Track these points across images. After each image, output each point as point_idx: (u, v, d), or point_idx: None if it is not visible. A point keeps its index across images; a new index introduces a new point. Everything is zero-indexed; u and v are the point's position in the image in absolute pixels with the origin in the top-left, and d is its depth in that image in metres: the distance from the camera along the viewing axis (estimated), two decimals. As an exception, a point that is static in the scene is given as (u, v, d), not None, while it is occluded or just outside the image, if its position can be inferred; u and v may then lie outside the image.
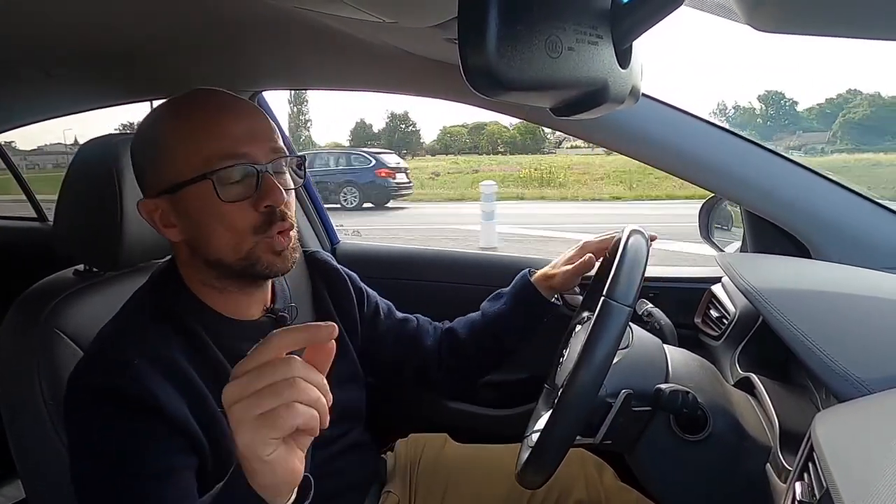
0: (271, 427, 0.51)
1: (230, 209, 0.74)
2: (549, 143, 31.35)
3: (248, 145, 0.75)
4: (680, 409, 0.72)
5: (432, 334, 1.09)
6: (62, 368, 0.88)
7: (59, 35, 1.07)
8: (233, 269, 0.78)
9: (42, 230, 2.24)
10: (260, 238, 0.76)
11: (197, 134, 0.75)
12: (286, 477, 0.54)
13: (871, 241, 0.99)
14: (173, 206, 0.77)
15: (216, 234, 0.76)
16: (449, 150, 31.63)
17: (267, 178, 0.76)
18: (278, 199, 0.75)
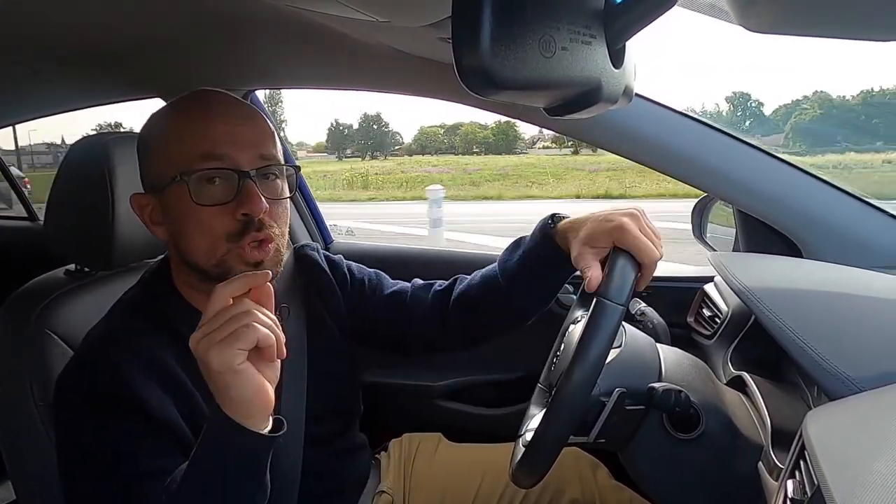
0: (236, 340, 0.59)
1: (205, 212, 0.73)
2: (522, 143, 32.02)
3: (230, 148, 0.74)
4: (673, 407, 0.72)
5: (428, 299, 1.00)
6: (53, 369, 0.87)
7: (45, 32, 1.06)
8: (210, 275, 0.76)
9: (33, 229, 2.23)
10: (232, 246, 0.74)
11: (179, 134, 0.75)
12: (257, 393, 0.61)
13: (861, 241, 1.00)
14: (159, 204, 0.78)
15: (191, 236, 0.75)
16: (426, 150, 32.45)
17: (248, 185, 0.73)
18: (256, 207, 0.73)
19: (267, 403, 0.62)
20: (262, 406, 0.62)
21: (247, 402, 0.61)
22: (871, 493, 0.47)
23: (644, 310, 1.05)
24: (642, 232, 0.75)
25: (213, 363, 0.59)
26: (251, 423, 0.62)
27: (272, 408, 0.63)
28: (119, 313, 0.80)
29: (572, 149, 28.76)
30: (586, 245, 0.78)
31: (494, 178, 19.43)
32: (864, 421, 0.62)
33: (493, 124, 32.86)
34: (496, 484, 1.04)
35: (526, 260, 0.90)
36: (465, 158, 27.84)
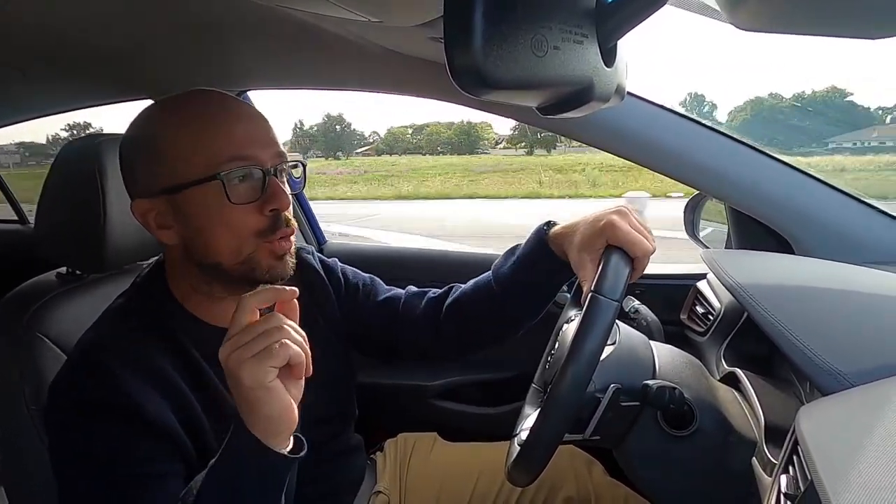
0: (269, 357, 0.60)
1: (235, 211, 0.73)
2: (485, 143, 32.60)
3: (254, 148, 0.75)
4: (667, 404, 0.72)
5: (421, 306, 0.99)
6: (45, 373, 0.86)
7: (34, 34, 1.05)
8: (230, 274, 0.76)
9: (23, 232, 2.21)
10: (261, 242, 0.75)
11: (203, 135, 0.74)
12: (284, 411, 0.62)
13: (852, 237, 1.01)
14: (172, 207, 0.75)
15: (218, 236, 0.74)
16: (393, 150, 33.05)
17: (273, 182, 0.75)
18: (284, 202, 0.75)
19: (292, 422, 0.63)
20: (288, 425, 0.63)
21: (275, 420, 0.62)
22: (864, 487, 0.47)
23: (638, 307, 1.05)
24: (632, 227, 0.76)
25: (245, 379, 0.60)
26: (275, 441, 0.62)
27: (295, 426, 0.64)
28: (112, 318, 0.79)
29: (526, 149, 29.73)
30: (583, 251, 0.78)
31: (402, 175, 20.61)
32: (856, 416, 0.62)
33: (456, 124, 33.82)
34: (492, 483, 1.04)
35: (521, 266, 0.90)
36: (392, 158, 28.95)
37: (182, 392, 0.74)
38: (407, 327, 0.98)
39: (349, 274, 1.02)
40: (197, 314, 0.80)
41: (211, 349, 0.78)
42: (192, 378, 0.76)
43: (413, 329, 0.98)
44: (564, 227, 0.85)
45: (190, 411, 0.74)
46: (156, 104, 0.80)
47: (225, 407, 0.77)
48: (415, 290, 1.02)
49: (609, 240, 0.75)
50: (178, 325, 0.78)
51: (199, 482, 0.65)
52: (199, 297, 0.80)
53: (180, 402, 0.73)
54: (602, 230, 0.76)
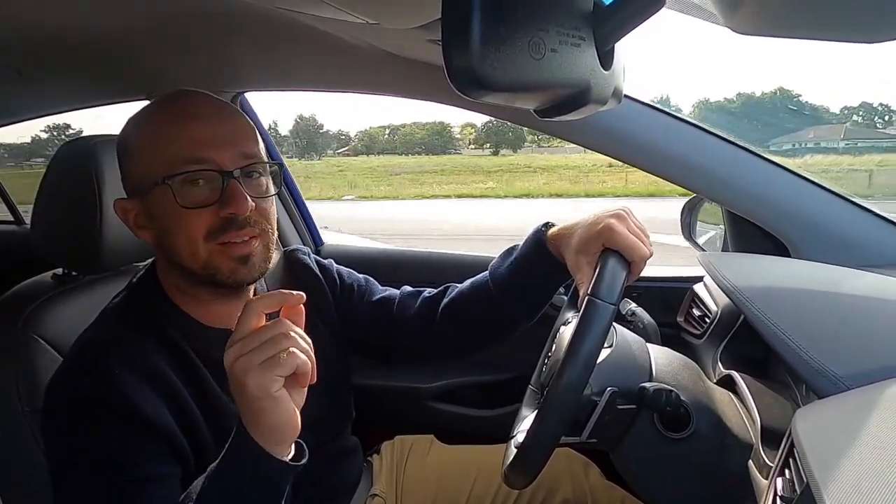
0: (276, 366, 0.59)
1: (189, 215, 0.73)
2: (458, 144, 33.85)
3: (213, 150, 0.73)
4: (664, 407, 0.72)
5: (416, 307, 0.99)
6: (41, 374, 0.86)
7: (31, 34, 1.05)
8: (199, 277, 0.76)
9: (18, 233, 2.20)
10: (213, 245, 0.74)
11: (161, 137, 0.74)
12: (289, 420, 0.62)
13: (849, 240, 1.01)
14: (144, 209, 0.77)
15: (176, 239, 0.74)
16: (370, 150, 34.37)
17: (232, 185, 0.73)
18: (241, 207, 0.73)
19: (295, 431, 0.63)
20: (292, 433, 0.63)
21: (279, 429, 0.62)
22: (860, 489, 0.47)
23: (634, 310, 1.05)
24: (630, 231, 0.76)
25: (251, 387, 0.59)
26: (278, 449, 0.62)
27: (298, 434, 0.64)
28: (108, 318, 0.79)
29: (492, 149, 30.89)
30: (580, 254, 0.78)
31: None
32: (852, 418, 0.62)
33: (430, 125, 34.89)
34: (488, 485, 1.04)
35: (518, 267, 0.90)
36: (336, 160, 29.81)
37: (179, 392, 0.74)
38: (401, 328, 0.98)
39: (344, 275, 1.02)
40: (191, 314, 0.80)
41: (206, 349, 0.78)
42: (188, 378, 0.76)
43: (408, 330, 0.98)
44: (562, 229, 0.85)
45: (186, 411, 0.74)
46: (145, 105, 0.81)
47: (221, 407, 0.77)
48: (410, 290, 1.02)
49: (606, 243, 0.75)
50: (174, 324, 0.78)
51: (199, 486, 0.65)
52: (189, 298, 0.80)
53: (177, 402, 0.73)
54: (599, 233, 0.76)
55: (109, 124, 0.80)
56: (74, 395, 0.69)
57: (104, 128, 0.82)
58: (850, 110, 28.45)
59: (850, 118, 27.50)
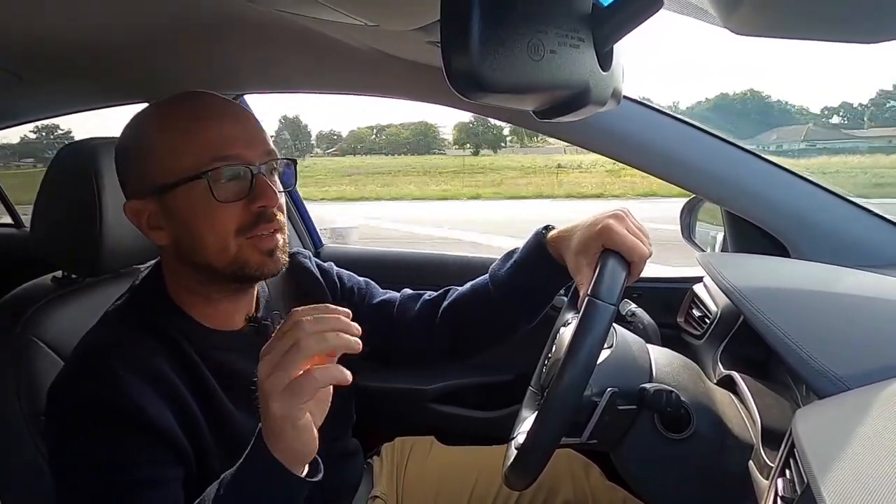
0: (298, 394, 0.58)
1: (221, 210, 0.74)
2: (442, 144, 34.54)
3: (241, 147, 0.75)
4: (664, 407, 0.72)
5: (416, 309, 0.99)
6: (41, 377, 0.86)
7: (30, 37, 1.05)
8: (223, 274, 0.76)
9: (18, 236, 2.20)
10: (243, 240, 0.75)
11: (190, 134, 0.74)
12: (309, 444, 0.62)
13: (848, 240, 1.01)
14: (162, 208, 0.76)
15: (204, 235, 0.75)
16: (356, 150, 35.05)
17: (261, 180, 0.75)
18: (271, 200, 0.75)
19: (313, 452, 0.64)
20: (310, 455, 0.64)
21: (299, 452, 0.62)
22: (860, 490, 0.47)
23: (634, 311, 1.05)
24: (629, 231, 0.76)
25: (276, 411, 0.59)
26: (294, 466, 0.63)
27: (315, 454, 0.64)
28: (111, 321, 0.79)
29: (472, 150, 31.36)
30: (580, 255, 0.79)
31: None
32: (853, 419, 0.62)
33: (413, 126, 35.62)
34: (489, 486, 1.04)
35: (518, 270, 0.90)
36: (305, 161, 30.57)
37: (181, 395, 0.74)
38: (402, 330, 0.98)
39: (344, 277, 1.02)
40: (194, 316, 0.80)
41: (209, 351, 0.78)
42: (191, 380, 0.76)
43: (408, 332, 0.98)
44: (562, 231, 0.85)
45: (189, 414, 0.74)
46: (149, 106, 0.81)
47: (223, 410, 0.77)
48: (410, 292, 1.02)
49: (605, 244, 0.75)
50: (177, 327, 0.78)
51: (212, 494, 0.65)
52: (196, 298, 0.80)
53: (180, 405, 0.73)
54: (599, 234, 0.76)
55: (97, 126, 0.80)
56: (78, 398, 0.69)
57: (93, 128, 0.82)
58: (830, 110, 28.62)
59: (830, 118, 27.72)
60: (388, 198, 15.13)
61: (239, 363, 0.79)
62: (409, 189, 17.19)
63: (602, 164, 19.45)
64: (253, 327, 0.84)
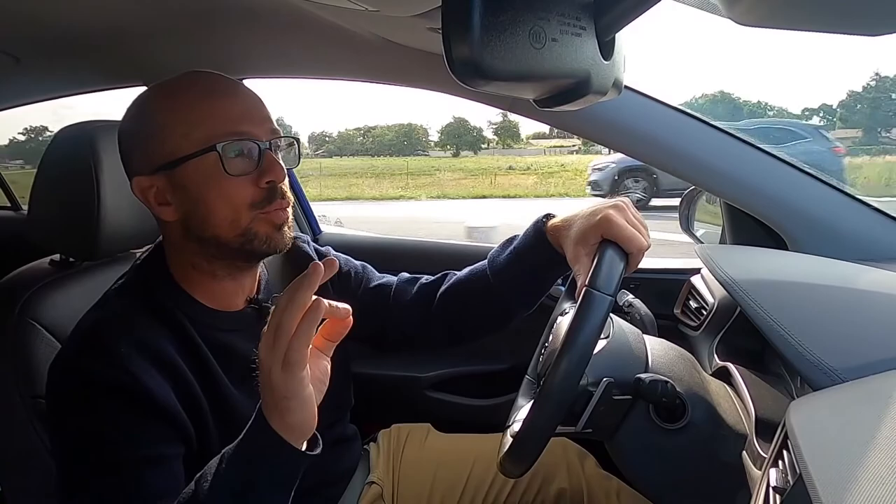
0: (294, 363, 0.59)
1: (232, 183, 0.75)
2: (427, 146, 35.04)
3: (249, 124, 0.76)
4: (659, 397, 0.73)
5: (413, 293, 0.99)
6: (38, 360, 0.86)
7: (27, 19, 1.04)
8: (229, 247, 0.77)
9: (16, 219, 2.20)
10: (256, 213, 0.77)
11: (200, 111, 0.75)
12: (311, 417, 0.63)
13: (846, 234, 1.01)
14: (170, 183, 0.76)
15: (215, 208, 0.75)
16: (343, 152, 35.56)
17: (268, 155, 0.77)
18: (279, 175, 0.77)
19: (313, 426, 0.64)
20: (310, 429, 0.64)
21: (299, 426, 0.63)
22: (853, 481, 0.48)
23: (632, 301, 1.06)
24: (628, 222, 0.76)
25: (280, 385, 0.60)
26: (295, 441, 0.63)
27: (315, 428, 0.65)
28: (114, 300, 0.79)
29: (453, 151, 31.80)
30: (579, 245, 0.79)
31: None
32: (846, 411, 0.63)
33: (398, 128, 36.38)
34: (485, 474, 1.05)
35: (516, 257, 0.91)
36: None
37: (183, 373, 0.74)
38: (398, 314, 0.99)
39: (341, 261, 1.02)
40: (196, 296, 0.80)
41: (210, 331, 0.79)
42: (192, 360, 0.76)
43: (404, 316, 0.98)
44: (561, 220, 0.85)
45: (190, 394, 0.74)
46: (154, 86, 0.80)
47: (223, 390, 0.78)
48: (407, 276, 1.03)
49: (604, 234, 0.76)
50: (178, 306, 0.78)
51: (213, 469, 0.65)
52: (199, 276, 0.80)
53: (181, 383, 0.74)
54: (598, 224, 0.76)
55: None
56: (79, 376, 0.70)
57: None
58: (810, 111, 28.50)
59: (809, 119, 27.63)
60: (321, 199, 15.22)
61: (240, 344, 0.80)
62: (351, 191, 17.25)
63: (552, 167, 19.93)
64: (254, 308, 0.85)
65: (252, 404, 0.65)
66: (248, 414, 0.65)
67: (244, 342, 0.80)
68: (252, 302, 0.85)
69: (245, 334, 0.81)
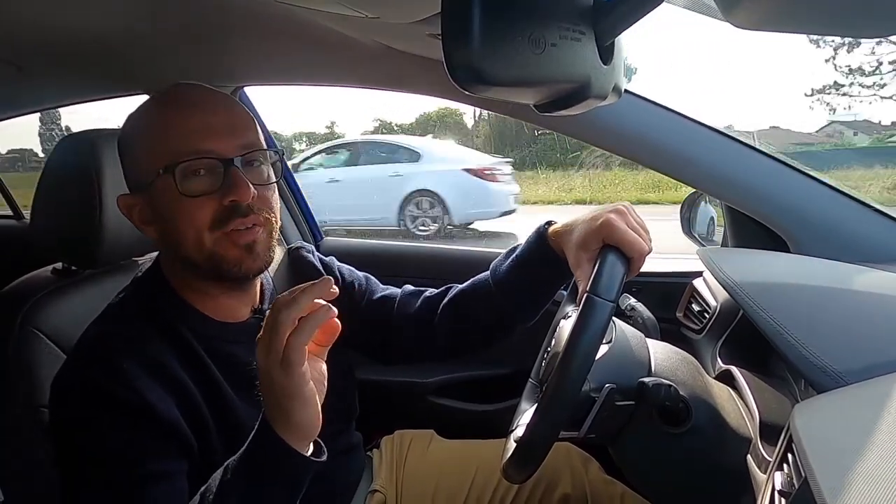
0: (293, 362, 0.59)
1: (191, 204, 0.73)
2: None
3: (214, 141, 0.74)
4: (662, 402, 0.73)
5: (416, 306, 0.99)
6: (40, 369, 0.86)
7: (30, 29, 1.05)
8: (203, 269, 0.76)
9: (18, 228, 2.20)
10: (218, 234, 0.74)
11: (161, 130, 0.74)
12: (315, 418, 0.63)
13: (849, 236, 1.01)
14: (147, 203, 0.77)
15: (180, 230, 0.74)
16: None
17: (234, 173, 0.73)
18: (243, 193, 0.73)
19: (317, 429, 0.64)
20: (314, 431, 0.64)
21: (304, 427, 0.63)
22: (858, 484, 0.48)
23: (634, 305, 1.05)
24: (629, 226, 0.76)
25: (282, 384, 0.60)
26: (300, 446, 0.63)
27: (319, 432, 0.65)
28: (115, 313, 0.79)
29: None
30: (581, 250, 0.78)
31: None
32: (851, 413, 0.62)
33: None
34: (488, 479, 1.04)
35: (519, 265, 0.90)
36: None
37: (186, 387, 0.74)
38: (401, 328, 0.98)
39: (345, 272, 1.02)
40: (198, 307, 0.80)
41: (213, 343, 0.78)
42: (195, 372, 0.76)
43: (407, 329, 0.98)
44: (563, 226, 0.85)
45: (194, 406, 0.74)
46: (143, 103, 0.81)
47: (227, 401, 0.77)
48: (411, 289, 1.02)
49: (605, 239, 0.75)
50: (181, 318, 0.78)
51: (218, 479, 0.65)
52: (195, 292, 0.80)
53: (185, 397, 0.73)
54: (599, 229, 0.76)
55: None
56: (83, 391, 0.69)
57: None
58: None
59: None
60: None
61: (244, 354, 0.80)
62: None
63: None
64: (258, 319, 0.84)
65: (256, 414, 0.65)
66: (252, 424, 0.65)
67: (248, 353, 0.79)
68: (257, 312, 0.85)
69: (249, 345, 0.80)
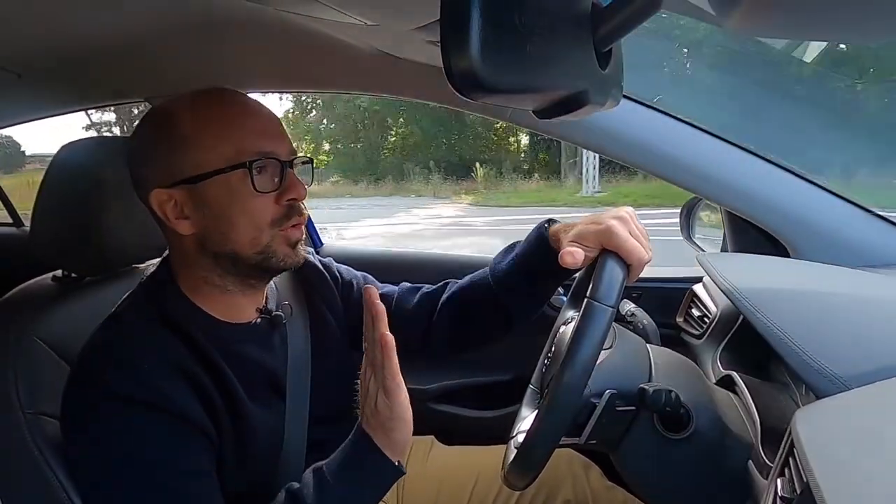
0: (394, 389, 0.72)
1: (257, 201, 0.76)
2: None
3: (275, 143, 0.78)
4: (663, 407, 0.72)
5: (415, 303, 1.00)
6: (41, 377, 0.86)
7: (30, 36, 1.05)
8: (247, 263, 0.78)
9: (18, 236, 2.21)
10: (276, 231, 0.78)
11: (229, 126, 0.76)
12: (409, 437, 0.74)
13: (848, 240, 1.01)
14: (191, 197, 0.76)
15: (237, 224, 0.76)
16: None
17: (290, 174, 0.78)
18: (301, 193, 0.78)
19: (410, 443, 0.75)
20: (408, 445, 0.75)
21: (401, 443, 0.74)
22: (860, 489, 0.48)
23: (634, 310, 1.05)
24: (631, 234, 0.76)
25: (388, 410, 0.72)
26: (397, 457, 0.74)
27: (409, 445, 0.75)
28: (125, 317, 0.79)
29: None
30: (574, 242, 0.79)
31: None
32: (852, 418, 0.62)
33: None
34: (489, 486, 1.04)
35: (519, 262, 0.91)
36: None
37: (205, 386, 0.75)
38: (400, 324, 0.98)
39: (343, 271, 1.03)
40: (207, 309, 0.81)
41: (225, 345, 0.79)
42: (209, 372, 0.76)
43: (406, 326, 0.98)
44: (563, 225, 0.86)
45: (212, 405, 0.75)
46: (175, 99, 0.80)
47: (239, 402, 0.78)
48: (409, 285, 1.03)
49: (605, 244, 0.75)
50: (191, 320, 0.78)
51: (311, 482, 0.73)
52: (210, 290, 0.80)
53: (203, 395, 0.74)
54: (598, 233, 0.76)
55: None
56: (106, 394, 0.69)
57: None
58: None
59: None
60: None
61: (252, 354, 0.81)
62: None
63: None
64: (265, 319, 0.85)
65: (263, 414, 0.66)
66: (259, 424, 0.66)
67: (259, 351, 0.82)
68: (263, 312, 0.85)
69: (257, 345, 0.82)
